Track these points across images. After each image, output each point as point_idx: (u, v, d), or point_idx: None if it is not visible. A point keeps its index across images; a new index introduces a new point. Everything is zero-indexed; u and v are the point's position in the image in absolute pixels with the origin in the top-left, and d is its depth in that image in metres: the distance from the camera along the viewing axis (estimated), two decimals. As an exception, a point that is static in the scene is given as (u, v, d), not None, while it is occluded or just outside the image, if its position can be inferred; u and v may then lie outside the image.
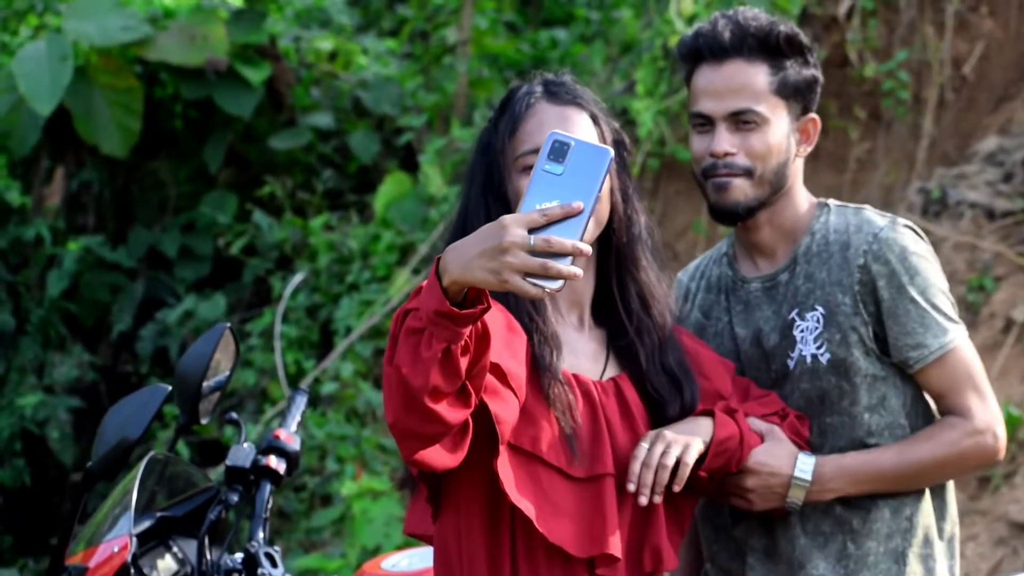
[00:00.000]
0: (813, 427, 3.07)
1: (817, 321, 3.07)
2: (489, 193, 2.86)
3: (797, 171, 3.14)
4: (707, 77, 3.07)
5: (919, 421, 3.09)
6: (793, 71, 3.08)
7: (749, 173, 3.05)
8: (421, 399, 2.44)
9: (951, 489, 3.17)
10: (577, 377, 2.84)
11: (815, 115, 3.14)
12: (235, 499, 3.33)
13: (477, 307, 2.40)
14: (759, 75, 3.05)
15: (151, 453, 3.43)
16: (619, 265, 2.91)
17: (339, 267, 9.17)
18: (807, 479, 2.98)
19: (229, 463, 3.36)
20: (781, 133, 3.07)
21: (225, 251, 9.73)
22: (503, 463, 2.69)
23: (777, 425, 3.00)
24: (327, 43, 10.38)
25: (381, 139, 10.06)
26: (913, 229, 3.11)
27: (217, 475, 7.25)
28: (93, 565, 3.23)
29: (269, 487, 3.36)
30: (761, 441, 2.95)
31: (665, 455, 2.80)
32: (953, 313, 3.08)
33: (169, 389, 3.30)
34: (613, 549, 2.76)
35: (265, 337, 9.00)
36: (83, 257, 9.89)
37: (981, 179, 7.39)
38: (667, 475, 2.79)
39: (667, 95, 8.14)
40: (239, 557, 3.32)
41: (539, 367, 2.76)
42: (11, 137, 9.82)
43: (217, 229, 9.84)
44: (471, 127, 9.07)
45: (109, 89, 9.65)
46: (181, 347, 9.47)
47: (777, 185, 3.09)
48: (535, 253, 2.31)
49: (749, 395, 3.03)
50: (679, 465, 2.81)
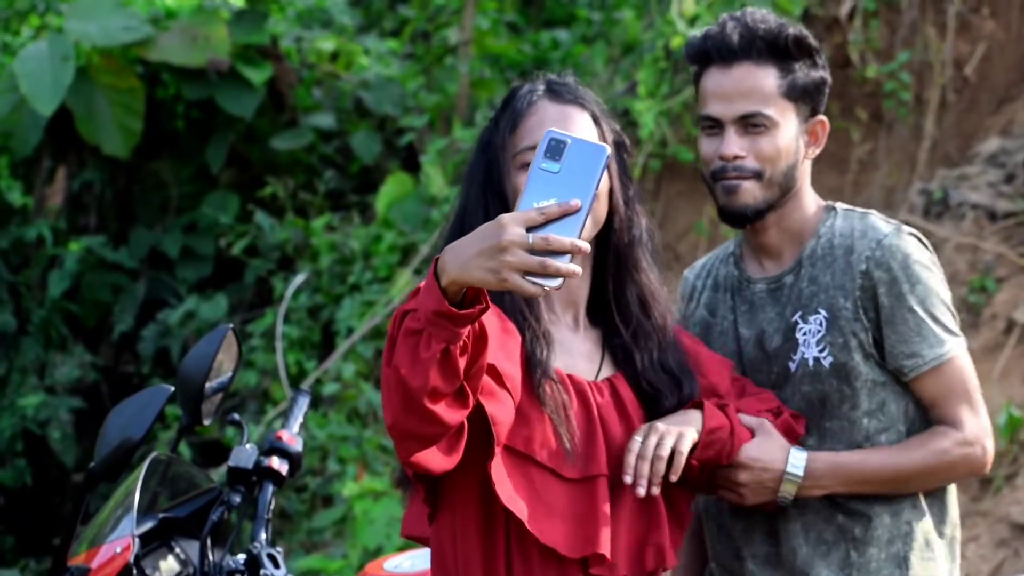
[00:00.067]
0: (812, 430, 3.07)
1: (820, 324, 3.07)
2: (488, 190, 2.85)
3: (805, 173, 3.14)
4: (716, 80, 3.07)
5: (917, 428, 3.09)
6: (802, 73, 3.08)
7: (758, 176, 3.06)
8: (420, 400, 2.44)
9: (952, 491, 3.16)
10: (572, 377, 2.84)
11: (823, 117, 3.14)
12: (237, 500, 3.33)
13: (476, 307, 2.40)
14: (768, 78, 3.05)
15: (153, 454, 3.43)
16: (619, 267, 2.91)
17: (341, 268, 9.16)
18: (799, 474, 2.98)
19: (231, 464, 3.36)
20: (790, 136, 3.08)
21: (227, 252, 9.71)
22: (496, 465, 2.69)
23: (769, 421, 3.00)
24: (329, 43, 10.38)
25: (383, 140, 10.06)
26: (918, 237, 3.10)
27: (219, 476, 7.25)
28: (95, 566, 3.23)
29: (271, 488, 3.36)
30: (751, 436, 2.95)
31: (660, 446, 2.80)
32: (952, 324, 3.08)
33: (171, 390, 3.30)
34: (604, 549, 2.75)
35: (267, 338, 8.99)
36: (84, 257, 9.88)
37: (983, 180, 7.39)
38: (663, 465, 2.79)
39: (669, 96, 8.13)
40: (241, 558, 3.32)
41: (531, 365, 2.75)
42: (13, 137, 9.81)
43: (219, 229, 9.83)
44: (473, 128, 9.06)
45: (111, 89, 9.64)
46: (183, 348, 9.46)
47: (786, 187, 3.09)
48: (534, 252, 2.31)
49: (746, 392, 3.03)
50: (674, 455, 2.81)
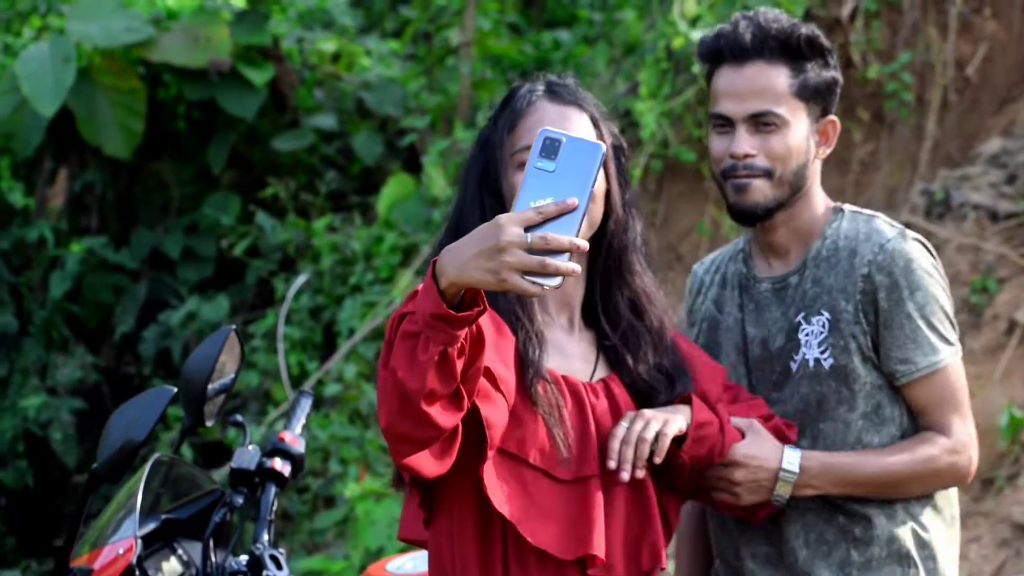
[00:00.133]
0: (806, 432, 3.08)
1: (823, 326, 3.07)
2: (485, 189, 2.85)
3: (815, 173, 3.14)
4: (728, 78, 3.08)
5: (910, 433, 3.09)
6: (813, 73, 3.08)
7: (769, 174, 3.06)
8: (416, 403, 2.44)
9: (952, 491, 3.17)
10: (567, 378, 2.84)
11: (834, 117, 3.14)
12: (240, 501, 3.32)
13: (473, 310, 2.40)
14: (780, 77, 3.06)
15: (156, 455, 3.43)
16: (611, 269, 2.91)
17: (342, 268, 9.16)
18: (795, 471, 2.98)
19: (234, 465, 3.35)
20: (801, 135, 3.08)
21: (228, 252, 9.72)
22: (488, 468, 2.69)
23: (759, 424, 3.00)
24: (330, 44, 10.38)
25: (384, 140, 10.06)
26: (923, 243, 3.10)
27: (221, 477, 7.25)
28: (98, 567, 3.23)
29: (274, 489, 3.36)
30: (742, 436, 2.95)
31: (645, 430, 2.80)
32: (949, 333, 3.08)
33: (174, 391, 3.29)
34: (597, 550, 2.75)
35: (268, 339, 9.00)
36: (86, 258, 9.88)
37: (984, 181, 7.38)
38: (647, 448, 2.78)
39: (670, 97, 8.12)
40: (244, 559, 3.32)
41: (524, 365, 2.75)
42: (14, 138, 9.82)
43: (220, 230, 9.83)
44: (474, 128, 9.05)
45: (112, 90, 9.64)
46: (184, 348, 9.46)
47: (796, 186, 3.09)
48: (532, 251, 2.31)
49: (738, 399, 3.03)
50: (659, 437, 2.80)
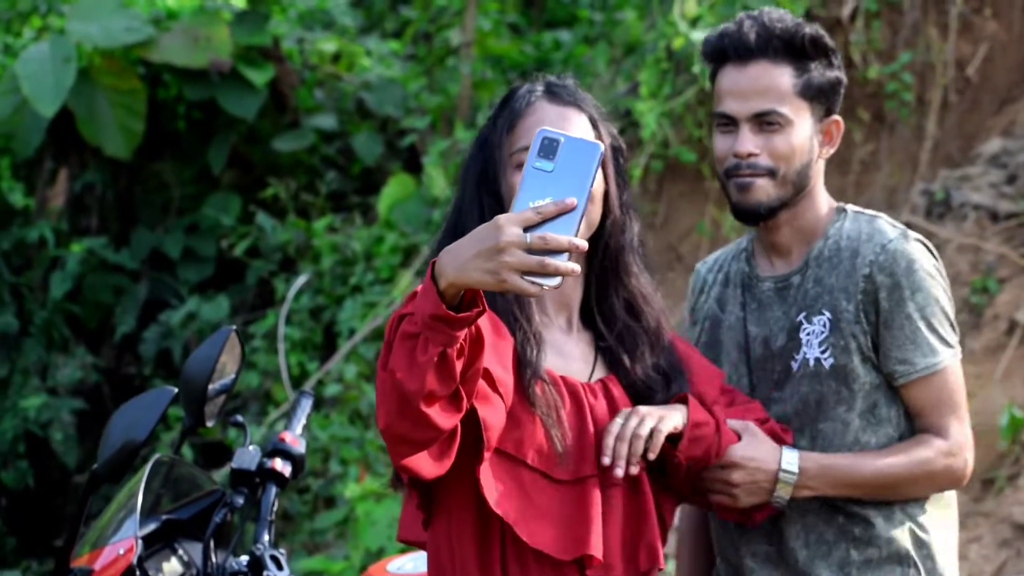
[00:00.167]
0: (805, 432, 3.08)
1: (824, 326, 3.07)
2: (484, 188, 2.86)
3: (819, 173, 3.15)
4: (732, 78, 3.08)
5: (908, 434, 3.10)
6: (817, 73, 3.09)
7: (772, 174, 3.06)
8: (416, 404, 2.44)
9: (951, 491, 3.16)
10: (565, 379, 2.84)
11: (838, 117, 3.15)
12: (240, 502, 3.32)
13: (473, 310, 2.40)
14: (784, 76, 3.06)
15: (156, 456, 3.43)
16: (607, 270, 2.91)
17: (342, 269, 9.16)
18: (794, 471, 2.98)
19: (235, 466, 3.35)
20: (804, 135, 3.08)
21: (228, 253, 9.72)
22: (485, 469, 2.69)
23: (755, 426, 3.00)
24: (330, 45, 10.38)
25: (384, 141, 10.06)
26: (925, 244, 3.11)
27: (221, 477, 7.25)
28: (98, 567, 3.23)
29: (274, 490, 3.36)
30: (738, 438, 2.95)
31: (639, 426, 2.80)
32: (949, 335, 3.08)
33: (175, 391, 3.29)
34: (594, 550, 2.75)
35: (269, 339, 9.00)
36: (86, 259, 9.88)
37: (985, 181, 7.38)
38: (641, 444, 2.78)
39: (671, 97, 8.12)
40: (244, 560, 3.32)
41: (522, 366, 2.75)
42: (15, 139, 9.82)
43: (220, 231, 9.83)
44: (474, 129, 9.04)
45: (112, 90, 9.64)
46: (184, 349, 9.47)
47: (799, 186, 3.10)
48: (532, 251, 2.31)
49: (735, 403, 3.03)
50: (653, 433, 2.80)
